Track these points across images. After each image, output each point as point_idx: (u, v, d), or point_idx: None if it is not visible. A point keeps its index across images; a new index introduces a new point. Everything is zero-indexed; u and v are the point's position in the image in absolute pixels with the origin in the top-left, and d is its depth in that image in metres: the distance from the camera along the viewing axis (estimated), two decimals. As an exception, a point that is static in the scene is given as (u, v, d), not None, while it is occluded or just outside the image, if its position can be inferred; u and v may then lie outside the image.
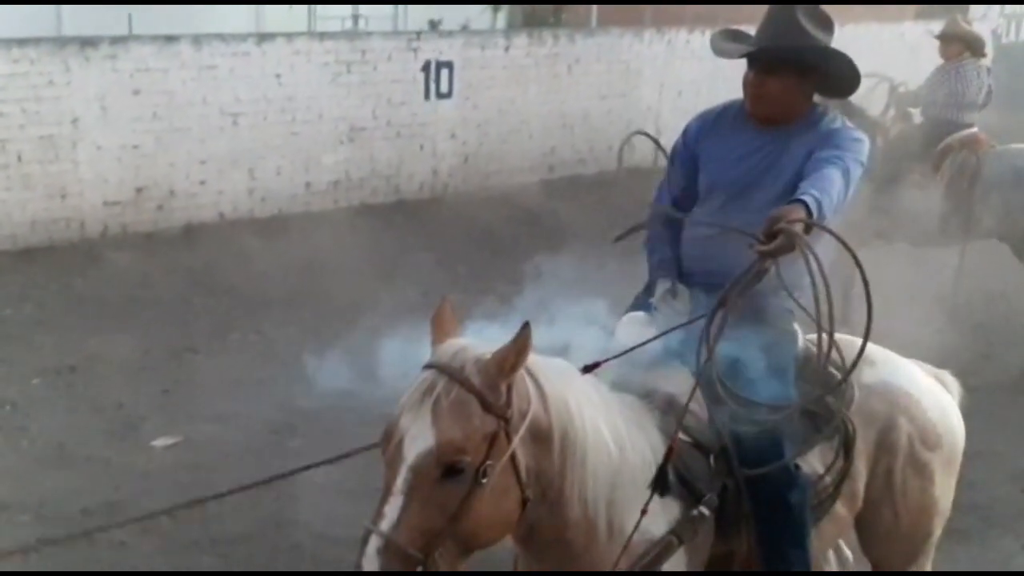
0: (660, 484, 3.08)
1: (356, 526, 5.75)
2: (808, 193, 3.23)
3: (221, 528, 5.62)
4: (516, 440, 2.85)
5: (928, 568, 4.13)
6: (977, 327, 7.87)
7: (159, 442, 6.53)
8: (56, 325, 8.21)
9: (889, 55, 13.40)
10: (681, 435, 3.27)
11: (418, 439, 2.75)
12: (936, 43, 9.01)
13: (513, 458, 2.86)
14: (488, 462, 2.78)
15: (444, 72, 12.30)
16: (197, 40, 10.54)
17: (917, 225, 8.32)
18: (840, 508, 3.76)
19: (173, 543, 5.48)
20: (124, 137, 10.14)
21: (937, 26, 9.25)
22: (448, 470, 2.74)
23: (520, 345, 2.81)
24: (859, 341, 3.92)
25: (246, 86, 10.82)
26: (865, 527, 3.90)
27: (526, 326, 2.82)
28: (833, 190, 3.32)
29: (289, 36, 11.40)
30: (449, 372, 2.81)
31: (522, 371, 2.89)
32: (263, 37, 11.30)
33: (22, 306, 8.56)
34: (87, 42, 9.95)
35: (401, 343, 3.38)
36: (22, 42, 9.60)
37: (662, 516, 3.22)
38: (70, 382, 7.31)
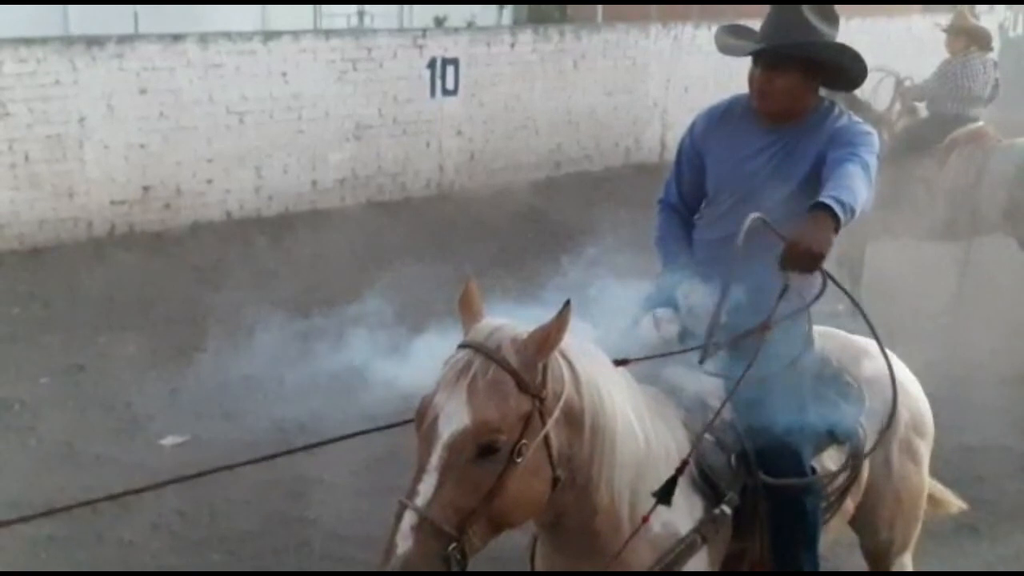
0: (666, 494, 3.04)
1: (365, 523, 5.79)
2: (830, 196, 3.21)
3: (229, 526, 5.64)
4: (551, 422, 2.84)
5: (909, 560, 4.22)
6: (984, 322, 7.85)
7: (167, 441, 6.54)
8: (64, 324, 8.22)
9: (896, 49, 13.37)
10: (706, 434, 3.29)
11: (453, 417, 2.75)
12: (943, 37, 9.00)
13: (546, 439, 2.85)
14: (523, 441, 2.78)
15: (450, 69, 12.29)
16: (203, 39, 10.55)
17: (923, 220, 8.32)
18: (847, 500, 3.81)
19: (181, 541, 5.50)
20: (131, 136, 10.16)
21: (943, 19, 9.24)
22: (483, 449, 2.74)
23: (560, 324, 2.81)
24: (855, 338, 3.97)
25: (252, 84, 10.83)
26: (869, 515, 3.96)
27: (567, 304, 2.81)
28: (856, 186, 3.31)
29: (295, 34, 11.42)
30: (485, 351, 2.81)
31: (557, 352, 2.89)
32: (269, 35, 11.31)
33: (30, 305, 8.58)
34: (93, 41, 9.96)
35: (409, 340, 3.38)
36: (29, 41, 9.62)
37: (687, 514, 3.23)
38: (78, 381, 7.33)
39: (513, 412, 2.77)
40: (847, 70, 3.65)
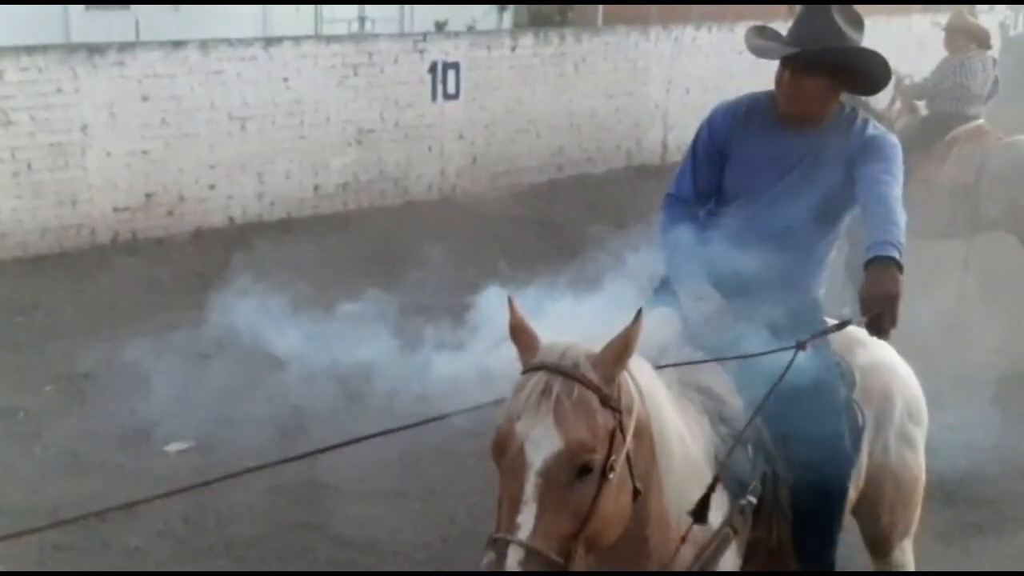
0: (702, 513, 3.04)
1: (371, 528, 5.80)
2: (884, 243, 3.30)
3: (235, 532, 5.64)
4: (630, 434, 2.82)
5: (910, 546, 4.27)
6: (986, 320, 7.85)
7: (172, 447, 6.55)
8: (68, 332, 8.23)
9: (896, 48, 13.36)
10: (720, 425, 3.32)
11: (542, 443, 2.68)
12: (942, 35, 9.00)
13: (627, 452, 2.83)
14: (612, 458, 2.75)
15: (451, 73, 12.30)
16: (204, 45, 10.56)
17: (923, 218, 8.29)
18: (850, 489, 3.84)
19: (187, 548, 5.51)
20: (133, 143, 10.17)
21: (943, 18, 9.25)
22: (579, 471, 2.69)
23: (634, 335, 2.79)
24: (853, 328, 4.04)
25: (254, 90, 10.84)
26: (870, 502, 3.99)
27: (639, 314, 2.79)
28: (900, 217, 3.42)
29: (296, 40, 11.42)
30: (563, 371, 2.75)
31: None
32: (270, 41, 11.32)
33: (33, 313, 8.58)
34: (95, 49, 9.98)
35: (413, 344, 3.38)
36: (30, 50, 9.64)
37: (717, 507, 3.21)
38: (82, 388, 7.33)
39: (601, 429, 2.73)
40: (872, 74, 3.68)
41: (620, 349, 2.79)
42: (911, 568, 4.27)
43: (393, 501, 5.90)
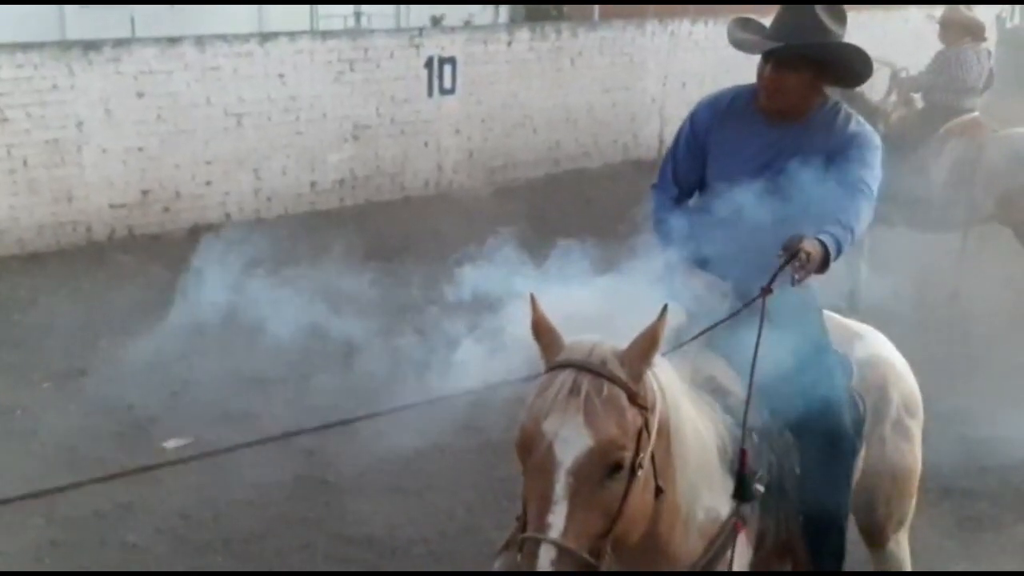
0: (746, 492, 3.13)
1: (368, 524, 5.80)
2: (828, 232, 3.34)
3: (233, 528, 5.64)
4: (654, 431, 2.81)
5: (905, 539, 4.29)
6: (982, 312, 7.86)
7: (170, 443, 6.54)
8: (65, 329, 8.22)
9: (893, 42, 13.37)
10: (725, 415, 3.32)
11: (572, 441, 2.67)
12: (938, 28, 9.01)
13: (652, 450, 2.83)
14: (640, 455, 2.74)
15: (447, 68, 12.28)
16: (200, 41, 10.54)
17: (919, 210, 8.33)
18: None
19: (185, 544, 5.50)
20: (129, 140, 10.16)
21: (937, 11, 9.26)
22: (610, 469, 2.68)
23: (659, 331, 2.79)
24: (848, 321, 4.06)
25: (250, 86, 10.83)
26: (866, 494, 4.00)
27: (665, 310, 2.79)
28: (859, 223, 3.47)
29: (292, 35, 11.40)
30: (592, 369, 2.74)
31: None
32: (266, 37, 11.30)
33: (31, 310, 8.58)
34: (90, 45, 9.96)
35: (410, 341, 3.39)
36: (25, 46, 9.62)
37: (725, 497, 3.24)
38: (80, 385, 7.32)
39: (631, 426, 2.73)
40: (854, 69, 3.70)
41: (647, 346, 2.79)
42: (906, 559, 4.29)
43: (391, 497, 5.90)
